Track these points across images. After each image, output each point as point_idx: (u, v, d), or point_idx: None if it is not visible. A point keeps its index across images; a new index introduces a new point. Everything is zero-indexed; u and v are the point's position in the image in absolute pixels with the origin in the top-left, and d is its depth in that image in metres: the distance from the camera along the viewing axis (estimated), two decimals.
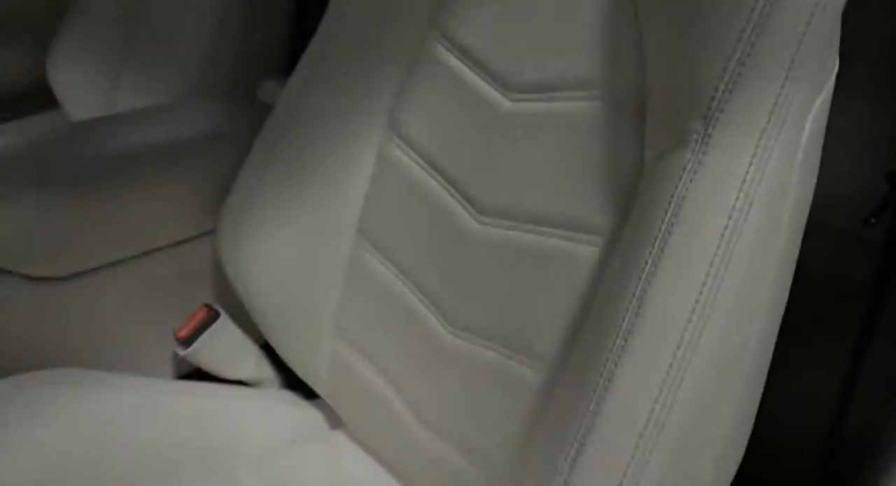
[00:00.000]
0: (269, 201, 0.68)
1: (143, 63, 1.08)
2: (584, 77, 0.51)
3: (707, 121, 0.40)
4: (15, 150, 0.73)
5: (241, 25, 0.95)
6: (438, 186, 0.62)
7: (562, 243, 0.52)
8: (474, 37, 0.58)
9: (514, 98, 0.56)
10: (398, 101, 0.65)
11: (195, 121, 0.82)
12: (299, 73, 0.68)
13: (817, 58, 0.39)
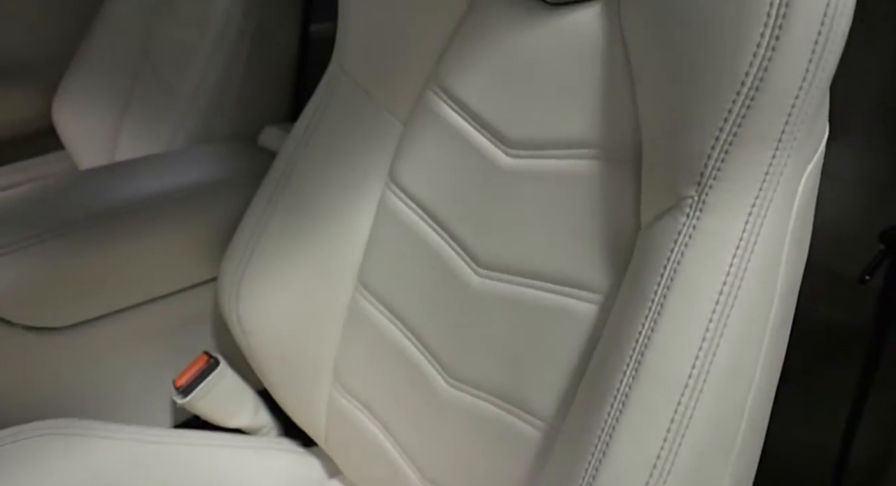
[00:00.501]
0: (270, 251, 0.69)
1: (146, 108, 1.10)
2: (581, 137, 0.51)
3: (701, 187, 0.41)
4: (15, 200, 0.74)
5: (245, 72, 0.97)
6: (438, 238, 0.62)
7: (560, 299, 0.52)
8: (473, 92, 0.59)
9: (512, 154, 0.57)
10: (398, 152, 0.66)
11: (197, 169, 0.83)
12: (302, 123, 0.70)
13: (806, 128, 0.40)
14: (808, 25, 0.37)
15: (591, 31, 0.51)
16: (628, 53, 0.48)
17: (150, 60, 1.12)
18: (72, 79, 1.18)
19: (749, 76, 0.38)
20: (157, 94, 1.09)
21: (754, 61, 0.37)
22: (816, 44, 0.37)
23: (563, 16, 0.53)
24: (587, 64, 0.51)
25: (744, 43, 0.38)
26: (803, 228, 0.43)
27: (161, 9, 1.12)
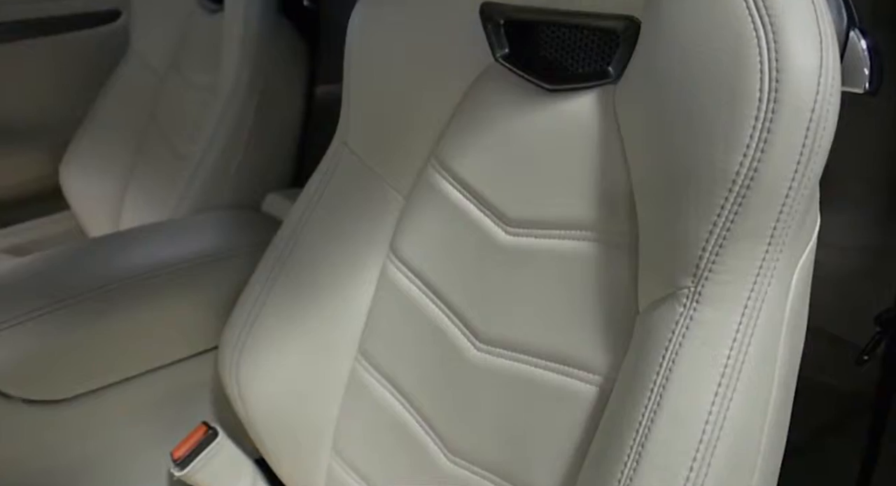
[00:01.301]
0: (271, 322, 0.69)
1: (152, 171, 1.12)
2: (579, 219, 0.52)
3: (697, 279, 0.41)
4: (14, 272, 0.75)
5: (251, 138, 0.99)
6: (438, 311, 0.63)
7: (559, 378, 0.52)
8: (473, 171, 0.60)
9: (511, 232, 0.57)
10: (400, 225, 0.67)
11: (200, 238, 0.84)
12: (305, 195, 0.71)
13: (798, 223, 0.40)
14: (796, 127, 0.38)
15: (587, 117, 0.52)
16: (623, 142, 0.49)
17: (157, 125, 1.15)
18: (80, 141, 1.21)
19: (740, 175, 0.39)
20: (164, 158, 1.11)
21: (744, 161, 0.38)
22: (804, 145, 0.38)
23: (561, 101, 0.54)
24: (584, 149, 0.52)
25: (734, 143, 0.39)
26: (798, 318, 0.44)
27: (169, 74, 1.15)
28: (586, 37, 0.55)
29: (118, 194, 1.16)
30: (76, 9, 1.25)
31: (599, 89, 0.52)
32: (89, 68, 1.27)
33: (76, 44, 1.26)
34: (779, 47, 0.38)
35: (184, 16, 1.14)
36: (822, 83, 0.38)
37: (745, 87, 0.38)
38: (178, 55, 1.15)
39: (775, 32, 0.38)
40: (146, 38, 1.19)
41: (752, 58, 0.38)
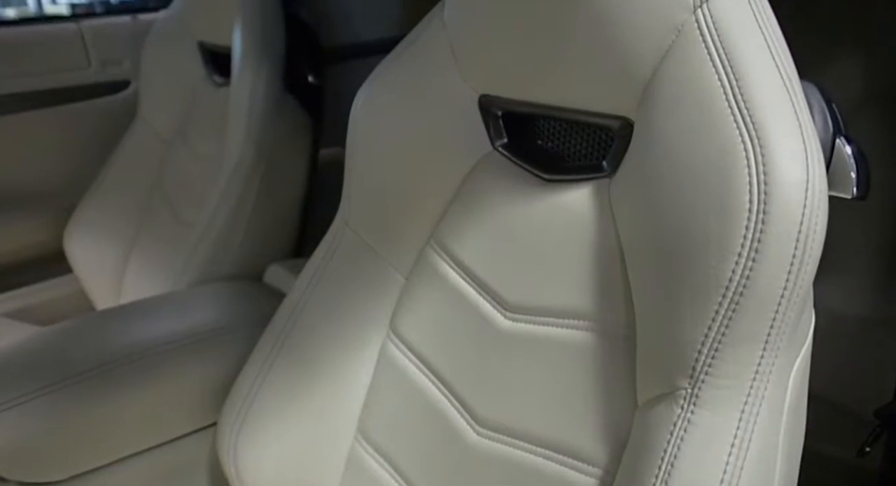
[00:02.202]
0: (270, 400, 0.69)
1: (156, 238, 1.13)
2: (577, 308, 0.53)
3: (694, 381, 0.42)
4: (11, 352, 0.75)
5: (255, 209, 1.00)
6: (438, 392, 0.63)
7: (558, 468, 0.52)
8: (472, 255, 0.61)
9: (510, 317, 0.58)
10: (400, 305, 0.67)
11: (202, 312, 0.84)
12: (307, 273, 0.71)
13: (792, 328, 0.41)
14: (786, 239, 0.39)
15: (584, 210, 0.53)
16: (619, 236, 0.50)
17: (162, 192, 1.17)
18: (85, 206, 1.22)
19: (733, 282, 0.40)
20: (168, 225, 1.12)
21: (737, 269, 0.39)
22: (795, 255, 0.39)
23: (557, 191, 0.56)
24: (581, 240, 0.53)
25: (726, 251, 0.40)
26: (796, 421, 0.44)
27: (176, 143, 1.18)
28: (582, 131, 0.56)
29: (121, 260, 1.17)
30: (88, 79, 1.28)
31: (595, 182, 0.53)
32: (98, 136, 1.30)
33: (86, 112, 1.29)
34: (766, 161, 0.39)
35: (191, 87, 1.17)
36: (810, 196, 0.39)
37: (735, 199, 0.40)
38: (184, 125, 1.17)
39: (762, 145, 0.40)
40: (154, 107, 1.22)
41: (740, 171, 0.40)
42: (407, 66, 0.64)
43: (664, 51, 0.45)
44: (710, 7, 0.44)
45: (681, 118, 0.44)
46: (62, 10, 7.09)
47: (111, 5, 5.59)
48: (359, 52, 1.59)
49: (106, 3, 5.74)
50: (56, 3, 7.17)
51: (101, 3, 5.97)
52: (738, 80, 0.42)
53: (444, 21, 0.61)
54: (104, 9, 5.29)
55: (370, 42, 1.61)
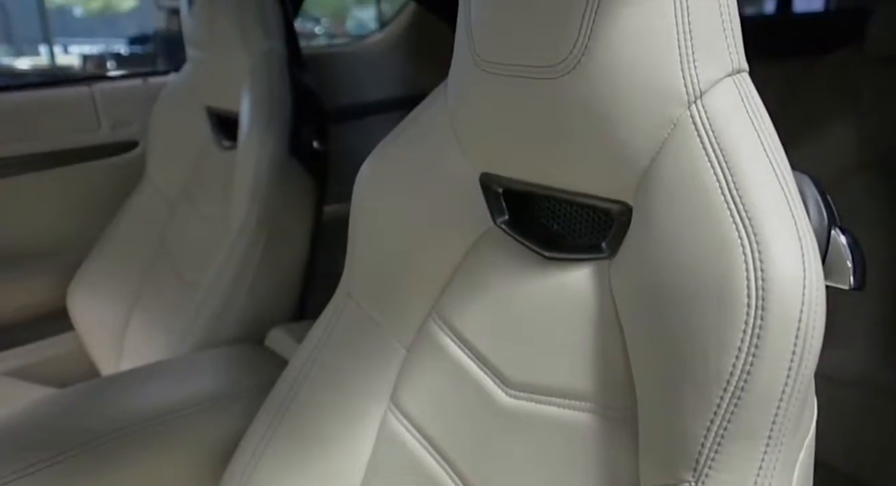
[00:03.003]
0: (270, 472, 0.68)
1: (157, 299, 1.13)
2: (578, 389, 0.53)
3: (697, 474, 0.42)
4: (8, 424, 0.74)
5: (257, 274, 1.01)
6: (438, 467, 0.62)
7: None
8: (473, 330, 0.62)
9: (512, 394, 0.58)
10: (401, 377, 0.67)
11: (201, 380, 0.84)
12: (308, 343, 0.72)
13: (794, 422, 0.41)
14: (785, 335, 0.40)
15: (584, 290, 0.54)
16: (620, 319, 0.50)
17: (166, 253, 1.18)
18: (89, 265, 1.23)
19: (734, 377, 0.40)
20: (171, 286, 1.13)
21: (737, 364, 0.40)
22: (794, 352, 0.40)
23: (559, 270, 0.56)
24: (582, 321, 0.53)
25: (726, 345, 0.40)
26: None
27: (181, 204, 1.20)
28: (582, 211, 0.57)
29: (123, 319, 1.17)
30: (97, 141, 1.31)
31: (596, 263, 0.54)
32: (104, 195, 1.31)
33: (94, 172, 1.31)
34: (763, 257, 0.40)
35: (198, 150, 1.19)
36: (807, 293, 0.40)
37: (734, 294, 0.40)
38: (190, 186, 1.19)
39: (759, 242, 0.40)
40: (161, 168, 1.24)
41: (738, 267, 0.40)
42: (410, 142, 0.66)
43: (661, 142, 0.47)
44: (703, 102, 0.45)
45: (679, 209, 0.45)
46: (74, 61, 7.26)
47: (122, 57, 5.77)
48: (362, 112, 1.63)
49: (117, 56, 5.92)
50: (68, 53, 7.34)
51: (112, 54, 6.14)
52: (734, 175, 0.43)
53: (446, 101, 0.63)
54: (115, 60, 5.44)
55: (372, 102, 1.65)
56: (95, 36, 9.45)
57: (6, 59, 8.74)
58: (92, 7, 9.97)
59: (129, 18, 9.83)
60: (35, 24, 7.80)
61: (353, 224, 0.69)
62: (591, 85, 0.47)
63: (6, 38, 9.19)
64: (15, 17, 8.90)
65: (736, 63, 0.47)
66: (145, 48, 6.45)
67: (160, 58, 6.11)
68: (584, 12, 0.46)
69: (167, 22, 6.65)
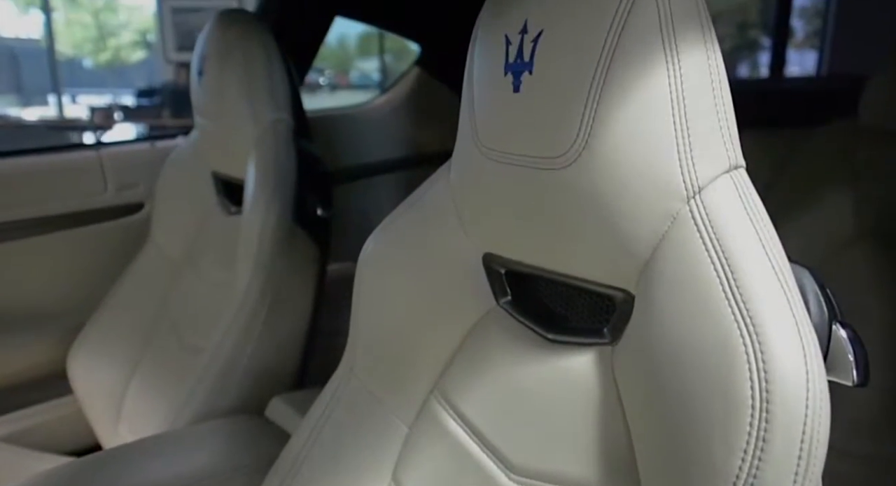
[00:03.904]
0: None
1: (158, 365, 1.13)
2: (581, 477, 0.52)
3: None
4: None
5: (259, 343, 1.01)
6: None
7: None
8: (475, 410, 0.61)
9: (514, 479, 0.57)
10: (403, 454, 0.67)
11: (200, 455, 0.83)
12: (310, 419, 0.71)
13: None
14: (791, 438, 0.40)
15: (587, 376, 0.54)
16: (623, 408, 0.50)
17: (169, 317, 1.18)
18: (91, 328, 1.23)
19: (740, 479, 0.40)
20: (172, 351, 1.13)
21: (743, 466, 0.40)
22: (801, 453, 0.40)
23: (562, 354, 0.56)
24: (585, 408, 0.53)
25: (733, 446, 0.40)
26: None
27: (185, 267, 1.20)
28: (585, 294, 0.58)
29: (122, 384, 1.16)
30: (102, 203, 1.33)
31: (598, 348, 0.54)
32: (108, 257, 1.32)
33: (98, 234, 1.32)
34: (766, 358, 0.40)
35: (203, 214, 1.21)
36: (811, 394, 0.40)
37: (738, 394, 0.40)
38: (194, 250, 1.20)
39: (761, 343, 0.41)
40: (166, 232, 1.25)
41: (741, 367, 0.41)
42: (413, 220, 0.67)
43: (661, 235, 0.48)
44: (702, 198, 0.46)
45: (680, 302, 0.45)
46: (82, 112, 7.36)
47: (129, 109, 5.86)
48: (366, 172, 1.65)
49: (124, 108, 6.01)
50: (76, 103, 7.47)
51: (119, 106, 6.25)
52: (734, 272, 0.43)
53: (449, 182, 0.64)
54: (122, 112, 5.51)
55: (376, 162, 1.67)
56: (104, 86, 9.64)
57: (14, 108, 8.91)
58: (101, 59, 10.21)
59: (138, 70, 10.05)
60: (45, 75, 7.97)
61: (357, 299, 0.69)
62: (591, 178, 0.48)
63: (15, 88, 9.37)
64: (26, 68, 9.10)
65: (733, 160, 0.48)
66: (152, 100, 6.58)
67: (167, 110, 6.23)
68: (585, 109, 0.47)
69: (175, 75, 6.82)
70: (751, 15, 7.49)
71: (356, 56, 10.17)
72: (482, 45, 0.56)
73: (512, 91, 0.52)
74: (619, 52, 0.46)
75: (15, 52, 9.15)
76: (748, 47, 7.88)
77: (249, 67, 1.07)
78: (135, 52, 10.18)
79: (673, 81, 0.46)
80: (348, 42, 9.18)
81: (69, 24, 9.58)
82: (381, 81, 9.15)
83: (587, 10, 0.47)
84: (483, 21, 0.57)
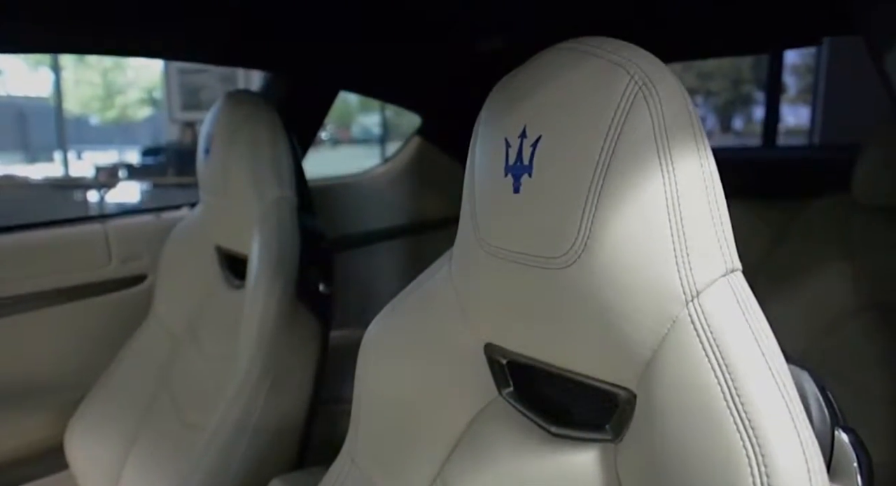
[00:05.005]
0: None
1: (156, 442, 1.11)
2: None
3: None
4: None
5: (259, 421, 1.00)
6: None
7: None
8: None
9: None
10: None
11: None
12: None
13: None
14: None
15: (591, 474, 0.53)
16: None
17: (169, 392, 1.17)
18: (89, 403, 1.22)
19: None
20: (171, 428, 1.11)
21: None
22: None
23: (564, 449, 0.56)
24: None
25: None
26: None
27: (186, 341, 1.20)
28: (588, 389, 0.58)
29: (119, 460, 1.15)
30: (106, 276, 1.33)
31: (601, 445, 0.54)
32: (109, 329, 1.32)
33: (100, 307, 1.32)
34: (770, 472, 0.40)
35: (206, 287, 1.21)
36: None
37: None
38: (196, 324, 1.20)
39: (764, 455, 0.41)
40: (168, 305, 1.25)
41: (744, 479, 0.41)
42: (415, 309, 0.67)
43: (661, 337, 0.48)
44: (700, 302, 0.47)
45: (683, 406, 0.45)
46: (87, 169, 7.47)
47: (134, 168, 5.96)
48: (367, 240, 1.67)
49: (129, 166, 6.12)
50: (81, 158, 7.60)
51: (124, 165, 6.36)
52: (734, 380, 0.44)
53: (450, 272, 0.65)
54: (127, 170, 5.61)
55: (377, 230, 1.69)
56: (110, 142, 9.81)
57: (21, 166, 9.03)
58: (108, 116, 10.42)
59: (144, 126, 10.25)
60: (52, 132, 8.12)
61: (359, 386, 0.69)
62: (591, 279, 0.49)
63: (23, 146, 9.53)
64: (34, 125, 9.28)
65: (729, 263, 0.49)
66: (157, 159, 6.70)
67: (171, 168, 6.34)
68: (583, 213, 0.48)
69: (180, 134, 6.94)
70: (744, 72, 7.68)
71: (357, 111, 10.37)
72: (483, 144, 0.58)
73: (512, 192, 0.54)
74: (615, 159, 0.48)
75: (23, 110, 9.35)
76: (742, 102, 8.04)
77: (255, 147, 1.09)
78: (141, 109, 10.40)
79: (668, 187, 0.47)
80: (349, 97, 9.39)
81: (78, 83, 9.81)
82: (383, 135, 9.31)
83: (584, 118, 0.49)
84: (483, 121, 0.59)
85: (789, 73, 6.05)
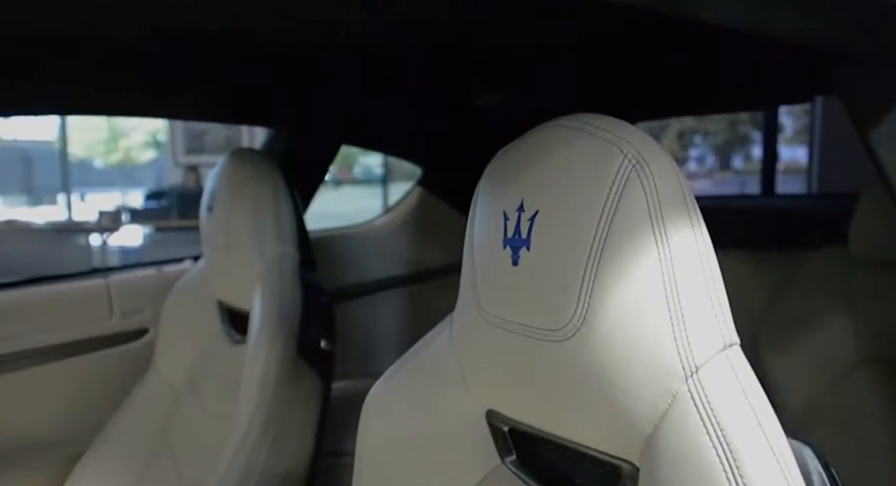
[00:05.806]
0: None
1: None
2: None
3: None
4: None
5: (259, 480, 0.99)
6: None
7: None
8: None
9: None
10: None
11: None
12: None
13: None
14: None
15: None
16: None
17: (169, 448, 1.16)
18: (88, 459, 1.21)
19: None
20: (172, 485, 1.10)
21: None
22: None
23: None
24: None
25: None
26: None
27: (187, 396, 1.19)
28: (591, 460, 0.57)
29: None
30: (107, 330, 1.33)
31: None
32: (110, 384, 1.31)
33: (101, 361, 1.32)
34: None
35: (207, 342, 1.21)
36: None
37: None
38: (197, 379, 1.20)
39: None
40: (169, 359, 1.25)
41: None
42: (416, 374, 0.67)
43: (662, 412, 0.48)
44: (699, 377, 0.47)
45: (684, 483, 0.45)
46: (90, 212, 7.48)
47: (137, 212, 6.00)
48: (368, 290, 1.67)
49: (132, 210, 6.17)
50: (84, 201, 7.63)
51: (126, 208, 6.41)
52: (735, 459, 0.44)
53: (451, 337, 0.65)
54: (130, 214, 5.65)
55: (379, 280, 1.70)
56: (114, 185, 9.89)
57: (24, 209, 9.09)
58: (112, 159, 10.53)
59: (147, 169, 10.34)
60: (56, 175, 8.20)
61: (360, 449, 0.69)
62: (590, 352, 0.49)
63: (27, 189, 9.61)
64: (38, 169, 9.37)
65: (727, 339, 0.49)
66: (160, 202, 6.76)
67: (174, 212, 6.39)
68: (581, 288, 0.49)
69: (183, 177, 6.98)
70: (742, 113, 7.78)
71: (360, 151, 10.47)
72: (481, 216, 0.59)
73: (511, 264, 0.54)
74: (611, 235, 0.48)
75: (29, 153, 9.46)
76: (740, 141, 8.13)
77: (258, 205, 1.10)
78: (145, 152, 10.51)
79: (664, 263, 0.48)
80: None
81: (83, 127, 9.95)
82: (385, 175, 9.38)
83: (580, 196, 0.50)
84: (482, 193, 0.60)
85: (786, 114, 6.13)
